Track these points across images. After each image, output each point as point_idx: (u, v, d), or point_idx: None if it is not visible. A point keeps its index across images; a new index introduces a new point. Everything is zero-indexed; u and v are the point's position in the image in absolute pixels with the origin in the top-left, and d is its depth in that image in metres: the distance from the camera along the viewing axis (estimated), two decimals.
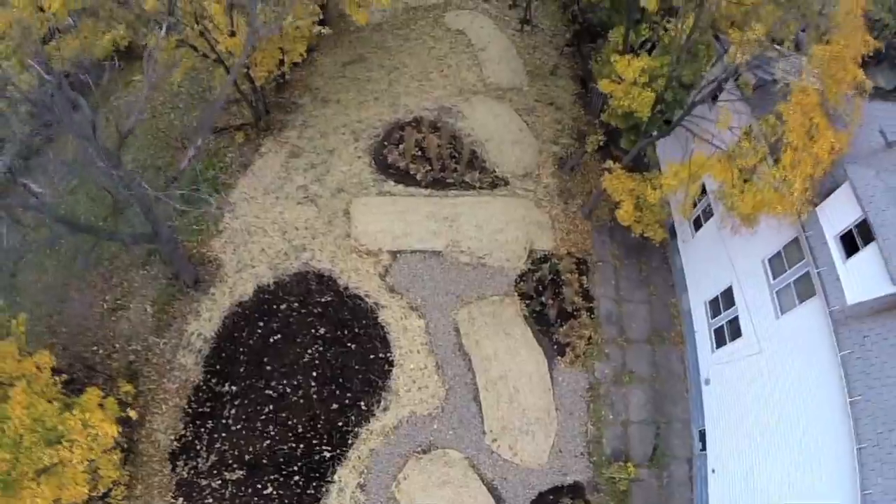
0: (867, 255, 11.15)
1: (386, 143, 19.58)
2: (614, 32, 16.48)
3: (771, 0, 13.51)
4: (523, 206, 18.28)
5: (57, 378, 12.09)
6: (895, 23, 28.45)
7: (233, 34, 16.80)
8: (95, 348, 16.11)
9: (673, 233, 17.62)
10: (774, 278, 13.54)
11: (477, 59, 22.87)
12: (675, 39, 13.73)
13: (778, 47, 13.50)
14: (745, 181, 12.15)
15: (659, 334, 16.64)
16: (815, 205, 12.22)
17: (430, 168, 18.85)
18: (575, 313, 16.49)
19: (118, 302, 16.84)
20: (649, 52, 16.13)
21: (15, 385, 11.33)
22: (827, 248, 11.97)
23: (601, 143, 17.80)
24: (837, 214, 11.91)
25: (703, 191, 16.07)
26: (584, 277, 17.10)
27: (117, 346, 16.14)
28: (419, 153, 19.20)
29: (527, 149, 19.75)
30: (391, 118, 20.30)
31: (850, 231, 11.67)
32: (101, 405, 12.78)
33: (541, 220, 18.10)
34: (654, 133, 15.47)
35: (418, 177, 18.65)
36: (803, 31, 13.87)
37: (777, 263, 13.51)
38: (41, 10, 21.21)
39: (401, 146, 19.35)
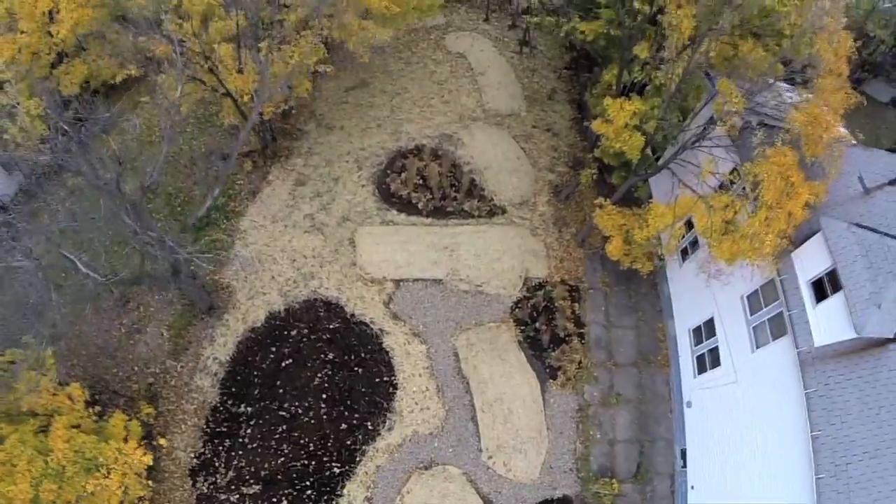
0: (835, 302, 12.26)
1: (389, 171, 20.51)
2: (607, 72, 17.31)
3: (760, 45, 14.40)
4: (519, 235, 19.31)
5: (91, 410, 13.21)
6: (890, 39, 29.22)
7: (240, 71, 17.60)
8: (115, 371, 17.23)
9: (662, 258, 18.67)
10: (751, 314, 14.67)
11: (477, 84, 23.65)
12: (665, 85, 14.58)
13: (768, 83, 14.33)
14: (725, 229, 13.14)
15: (645, 358, 17.83)
16: (791, 250, 13.29)
17: (431, 196, 19.82)
18: (567, 338, 17.64)
19: (134, 326, 17.91)
20: (641, 90, 16.99)
21: (53, 417, 12.51)
22: (799, 292, 13.08)
23: (595, 176, 18.73)
24: (810, 262, 12.99)
25: (691, 224, 17.11)
26: (576, 304, 18.23)
27: (136, 368, 17.26)
28: (421, 181, 20.15)
29: (524, 177, 20.70)
30: (394, 146, 21.19)
31: (822, 278, 12.76)
32: (126, 427, 14.02)
33: (536, 248, 19.15)
34: (644, 171, 16.42)
35: (420, 205, 19.63)
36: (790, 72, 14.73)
37: (754, 301, 14.63)
38: (49, 34, 21.90)
39: (403, 174, 20.29)
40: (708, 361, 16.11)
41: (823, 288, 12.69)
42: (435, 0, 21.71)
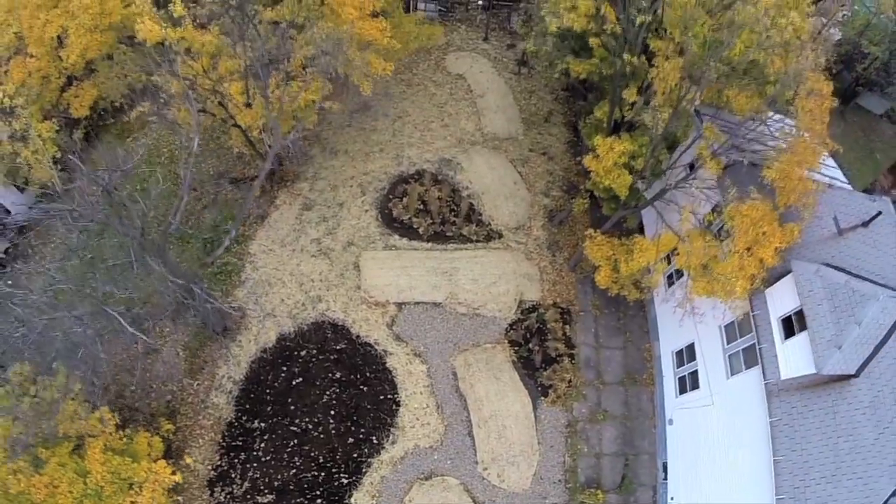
0: (800, 340, 13.43)
1: (391, 196, 21.52)
2: (599, 108, 18.17)
3: (745, 93, 15.25)
4: (515, 259, 20.40)
5: (122, 433, 14.49)
6: (883, 55, 29.82)
7: (249, 105, 18.49)
8: (133, 389, 18.47)
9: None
10: (728, 343, 15.85)
11: (476, 107, 24.47)
12: (653, 129, 15.47)
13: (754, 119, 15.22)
14: (702, 270, 14.22)
15: (632, 377, 19.08)
16: (765, 288, 14.38)
17: (431, 221, 20.86)
18: (558, 359, 18.87)
19: (151, 346, 19.10)
20: (631, 126, 17.87)
21: (86, 439, 13.79)
22: (770, 328, 14.23)
23: (587, 205, 19.71)
24: (781, 300, 14.11)
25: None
26: (567, 326, 19.41)
27: (154, 386, 18.52)
28: (421, 206, 21.16)
29: (520, 202, 21.69)
30: (395, 171, 22.15)
31: (790, 316, 13.89)
32: (149, 444, 15.33)
33: (530, 272, 20.26)
34: (633, 205, 17.42)
35: (420, 230, 20.68)
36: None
37: (731, 331, 15.79)
38: (59, 58, 22.66)
39: (404, 199, 21.30)
40: (688, 383, 17.35)
41: (792, 325, 13.82)
42: (435, 31, 22.49)
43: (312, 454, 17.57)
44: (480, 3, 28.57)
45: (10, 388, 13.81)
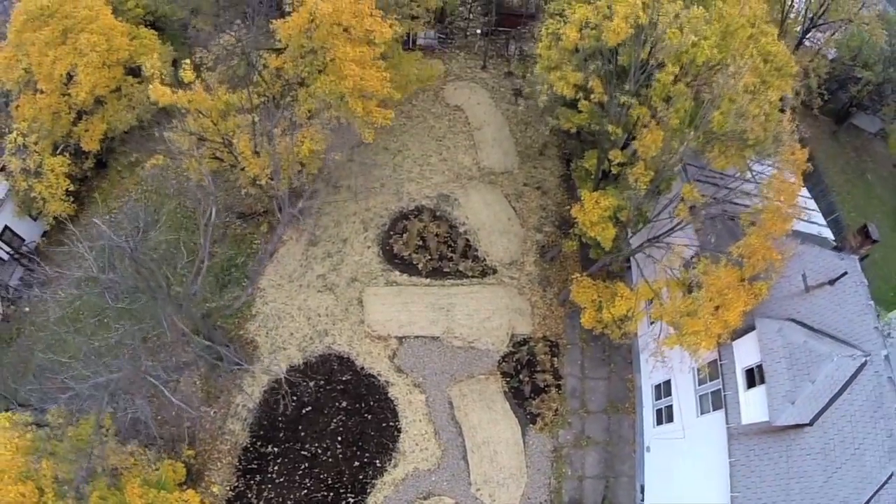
0: (759, 391, 14.95)
1: (392, 232, 22.82)
2: (587, 159, 19.30)
3: (724, 155, 16.42)
4: (508, 295, 21.84)
5: (152, 467, 16.20)
6: (877, 77, 30.65)
7: (257, 153, 19.60)
8: (154, 415, 20.09)
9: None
10: (699, 385, 17.41)
11: (473, 140, 25.53)
12: (637, 188, 16.64)
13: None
14: (673, 324, 15.66)
15: (615, 405, 20.75)
16: (733, 340, 15.85)
17: (430, 258, 22.23)
18: (546, 389, 20.51)
19: (164, 365, 20.65)
20: (618, 177, 19.03)
21: (121, 472, 15.50)
22: (735, 376, 15.75)
23: (576, 246, 21.01)
24: (746, 353, 15.61)
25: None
26: (556, 358, 21.00)
27: (173, 413, 20.16)
28: (420, 242, 22.47)
29: (513, 238, 23.01)
30: (396, 206, 23.39)
31: (753, 368, 15.38)
32: (173, 469, 17.09)
33: (522, 306, 21.73)
34: (617, 253, 18.75)
35: (420, 266, 22.07)
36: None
37: (702, 374, 17.32)
38: (69, 94, 23.52)
39: (404, 235, 22.60)
40: (664, 416, 19.01)
41: (754, 377, 15.34)
42: (434, 71, 23.37)
43: (322, 476, 19.37)
44: (479, 31, 29.24)
45: (49, 430, 15.42)
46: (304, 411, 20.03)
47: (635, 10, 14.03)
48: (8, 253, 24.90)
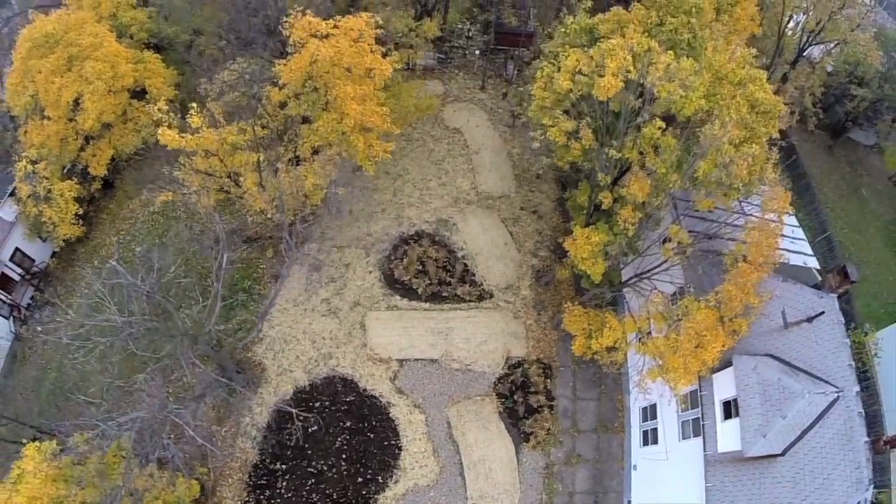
0: (733, 423, 16.19)
1: (392, 257, 23.91)
2: (580, 194, 20.25)
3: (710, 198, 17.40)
4: (503, 319, 23.01)
5: (170, 486, 17.57)
6: (875, 93, 31.41)
7: (262, 187, 20.55)
8: (168, 433, 21.42)
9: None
10: (681, 412, 18.66)
11: (471, 164, 26.44)
12: (624, 230, 17.64)
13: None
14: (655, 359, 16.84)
15: (604, 425, 22.08)
16: (713, 372, 17.05)
17: (429, 282, 23.34)
18: (539, 409, 21.81)
19: (180, 396, 21.96)
20: (609, 213, 20.01)
21: (144, 497, 16.88)
22: (713, 407, 16.98)
23: (569, 273, 22.08)
24: (723, 387, 16.82)
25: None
26: (548, 380, 22.26)
27: (185, 433, 21.49)
28: (420, 267, 23.56)
29: (509, 263, 24.09)
30: (396, 231, 24.43)
31: (730, 401, 16.59)
32: (188, 487, 18.49)
33: (517, 330, 22.92)
34: (606, 286, 19.84)
35: (419, 291, 23.20)
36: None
37: (684, 402, 18.56)
38: (74, 120, 24.30)
39: (405, 260, 23.68)
40: (650, 437, 20.32)
41: (730, 409, 16.56)
42: (432, 102, 24.18)
43: (328, 492, 20.80)
44: (478, 51, 29.87)
45: (74, 457, 16.73)
46: (310, 430, 21.36)
47: (626, 64, 14.86)
48: (19, 274, 25.95)
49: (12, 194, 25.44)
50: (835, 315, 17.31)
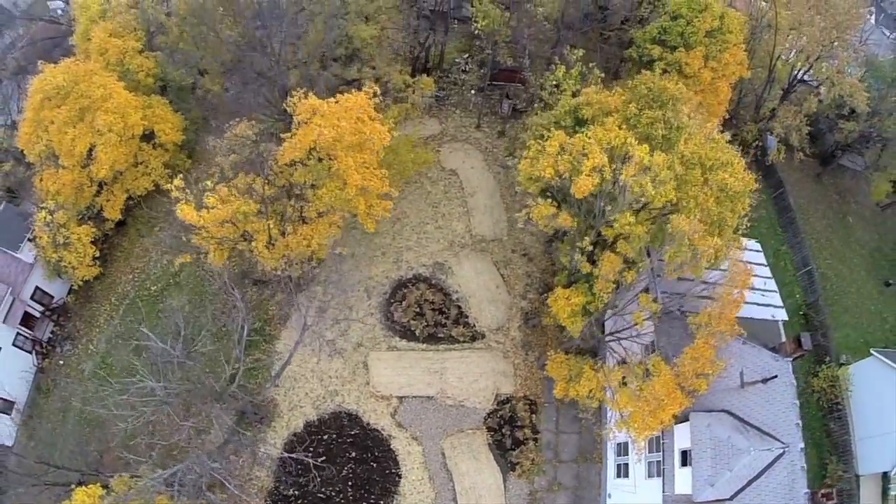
0: (687, 470, 19.27)
1: (392, 300, 26.64)
2: (563, 255, 22.75)
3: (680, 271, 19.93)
4: (494, 359, 25.96)
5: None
6: (856, 127, 33.45)
7: (272, 244, 23.05)
8: (187, 463, 24.65)
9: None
10: (649, 452, 21.77)
11: (466, 206, 28.84)
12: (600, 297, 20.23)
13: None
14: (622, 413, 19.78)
15: (584, 455, 25.33)
16: (675, 424, 20.02)
17: (426, 324, 26.15)
18: (524, 441, 25.03)
19: (199, 428, 25.07)
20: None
21: None
22: (673, 454, 20.01)
23: (554, 321, 24.84)
24: (682, 438, 19.83)
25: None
26: (534, 415, 25.39)
27: (205, 462, 24.75)
28: (418, 310, 26.32)
29: (500, 306, 26.85)
30: (395, 275, 27.11)
31: (686, 451, 19.62)
32: None
33: (506, 369, 25.90)
34: (586, 339, 22.62)
35: (417, 332, 26.07)
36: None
37: (651, 445, 21.63)
38: (88, 167, 26.43)
39: (403, 303, 26.42)
40: (623, 471, 23.54)
41: (686, 457, 19.61)
42: (429, 156, 26.34)
43: None
44: (473, 91, 31.70)
45: (114, 497, 19.90)
46: (319, 460, 24.64)
47: (601, 164, 17.14)
48: (40, 311, 28.55)
49: (32, 240, 27.71)
50: (788, 378, 20.13)
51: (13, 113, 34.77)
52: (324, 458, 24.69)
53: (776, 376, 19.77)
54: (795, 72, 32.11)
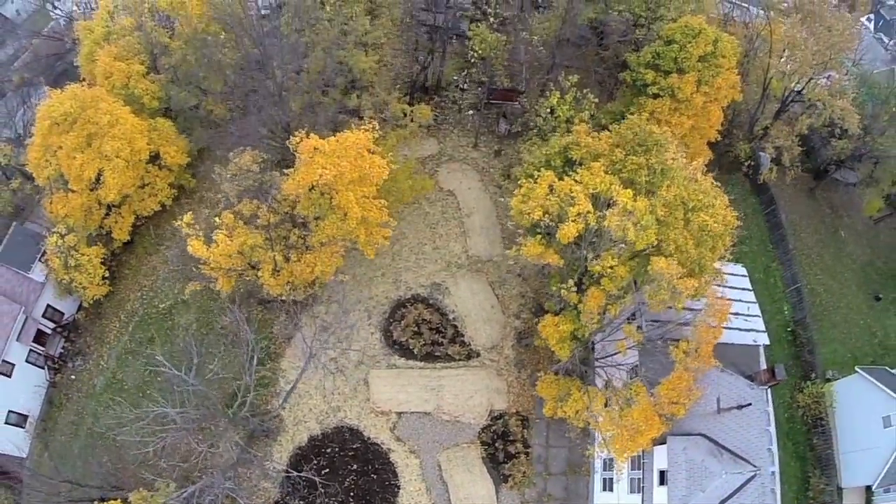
0: (663, 489, 21.19)
1: (391, 319, 28.39)
2: (553, 283, 24.34)
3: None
4: (488, 376, 27.82)
5: None
6: (848, 146, 34.61)
7: (277, 271, 24.69)
8: (198, 475, 26.71)
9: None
10: (631, 469, 23.71)
11: (463, 227, 30.42)
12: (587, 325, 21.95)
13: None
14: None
15: (573, 469, 27.36)
16: (655, 445, 21.90)
17: (424, 343, 27.94)
18: (516, 455, 27.05)
19: (210, 442, 27.03)
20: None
21: None
22: (652, 473, 21.94)
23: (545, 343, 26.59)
24: (659, 458, 21.71)
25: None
26: (525, 430, 27.37)
27: (221, 481, 26.81)
28: (416, 329, 28.08)
29: (495, 325, 28.60)
30: (395, 295, 28.84)
31: (663, 471, 21.52)
32: None
33: (499, 386, 27.78)
34: (574, 364, 24.38)
35: (415, 351, 27.88)
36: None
37: (633, 462, 23.54)
38: (96, 191, 27.89)
39: (402, 322, 28.18)
40: (608, 485, 25.54)
41: (663, 477, 21.52)
42: (427, 183, 27.78)
43: None
44: (471, 112, 32.93)
45: None
46: (322, 472, 26.71)
47: (585, 211, 18.64)
48: (50, 328, 30.29)
49: (42, 259, 29.30)
50: (762, 406, 21.95)
51: (18, 126, 36.07)
52: (327, 470, 26.79)
53: (750, 404, 21.54)
54: (787, 93, 33.14)
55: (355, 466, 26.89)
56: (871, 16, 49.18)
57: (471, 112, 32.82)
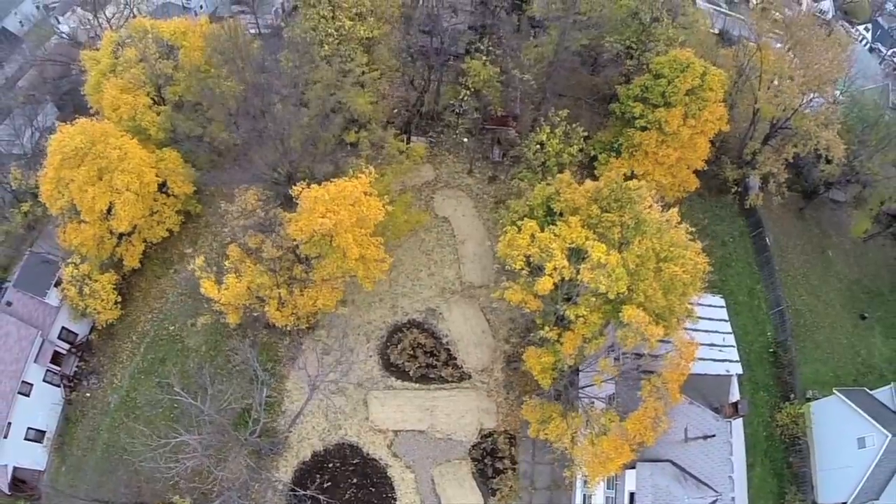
0: None
1: (388, 343, 31.29)
2: (536, 320, 27.04)
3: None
4: (479, 398, 30.88)
5: None
6: (836, 171, 36.60)
7: (283, 304, 27.48)
8: (210, 487, 30.00)
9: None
10: (607, 489, 26.75)
11: (457, 254, 33.09)
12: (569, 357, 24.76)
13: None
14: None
15: (557, 484, 30.62)
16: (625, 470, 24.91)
17: (419, 365, 30.87)
18: (504, 470, 30.35)
19: (218, 458, 30.21)
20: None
21: None
22: (623, 494, 24.97)
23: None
24: (629, 481, 24.72)
25: None
26: (513, 448, 30.53)
27: (225, 487, 30.13)
28: (411, 352, 30.98)
29: (485, 349, 31.51)
30: (392, 320, 31.73)
31: (633, 493, 24.55)
32: None
33: (489, 407, 30.87)
34: (560, 389, 27.28)
35: (411, 373, 30.87)
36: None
37: (608, 480, 26.54)
38: (108, 221, 30.37)
39: (399, 346, 31.07)
40: (587, 501, 28.69)
41: (633, 499, 24.54)
42: (423, 217, 30.25)
43: None
44: (465, 140, 35.14)
45: None
46: (325, 486, 30.00)
47: (561, 266, 21.19)
48: (65, 348, 33.13)
49: (57, 285, 31.86)
50: (725, 437, 24.88)
51: (26, 147, 38.27)
52: (329, 483, 30.06)
53: (714, 435, 24.41)
54: (776, 120, 35.02)
55: (355, 480, 30.20)
56: (869, 25, 50.23)
57: (465, 139, 35.02)
